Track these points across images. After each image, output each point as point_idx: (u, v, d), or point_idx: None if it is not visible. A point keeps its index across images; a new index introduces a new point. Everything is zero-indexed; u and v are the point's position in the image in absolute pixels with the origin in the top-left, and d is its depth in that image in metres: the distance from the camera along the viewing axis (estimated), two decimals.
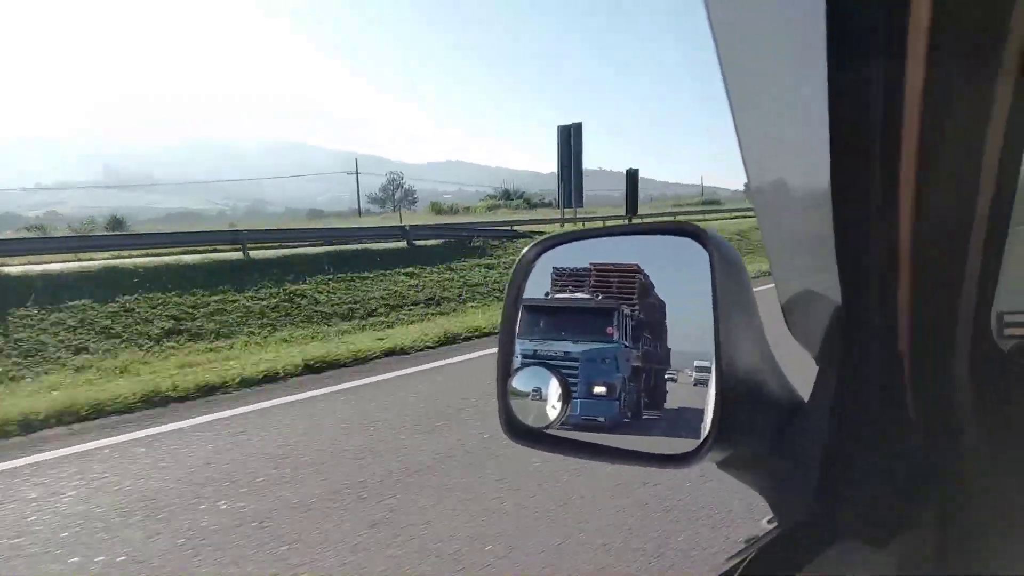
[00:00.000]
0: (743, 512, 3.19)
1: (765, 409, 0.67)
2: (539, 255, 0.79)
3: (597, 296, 0.84)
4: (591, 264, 0.83)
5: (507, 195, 68.25)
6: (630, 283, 0.81)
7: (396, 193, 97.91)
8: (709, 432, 0.62)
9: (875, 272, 0.58)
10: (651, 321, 0.79)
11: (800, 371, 0.74)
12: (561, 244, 0.80)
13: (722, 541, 3.02)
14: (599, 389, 0.79)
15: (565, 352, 0.82)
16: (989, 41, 0.49)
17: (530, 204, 61.56)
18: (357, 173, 67.23)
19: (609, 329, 0.82)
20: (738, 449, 0.67)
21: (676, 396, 0.74)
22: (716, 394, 0.61)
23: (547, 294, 0.83)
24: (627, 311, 0.81)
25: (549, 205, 60.76)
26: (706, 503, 3.36)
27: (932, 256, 0.56)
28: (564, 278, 0.85)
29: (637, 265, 0.80)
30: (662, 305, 0.79)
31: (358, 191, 66.85)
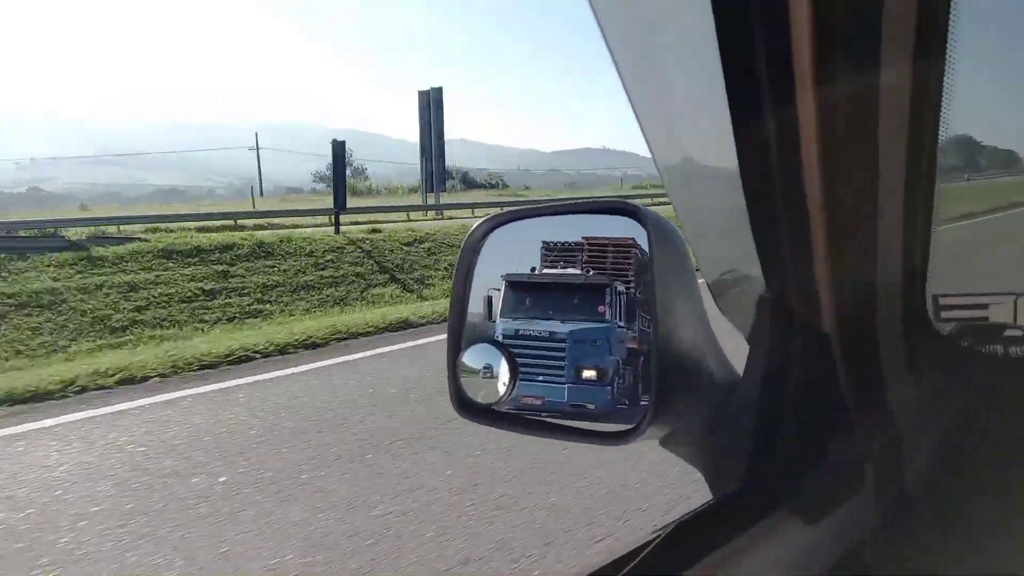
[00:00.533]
0: None
1: (703, 386, 0.68)
2: (487, 233, 0.79)
3: (588, 272, 0.80)
4: (583, 238, 0.80)
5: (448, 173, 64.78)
6: (625, 258, 0.76)
7: (348, 170, 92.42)
8: (648, 410, 0.63)
9: (790, 254, 0.59)
10: (649, 300, 0.73)
11: (740, 347, 0.75)
12: (511, 221, 0.80)
13: None
14: (588, 373, 0.75)
15: (550, 332, 0.79)
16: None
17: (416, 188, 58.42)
18: (257, 149, 61.76)
19: (601, 308, 0.77)
20: (677, 426, 0.69)
21: None
22: (655, 370, 0.63)
23: (533, 270, 0.80)
24: (621, 288, 0.76)
25: (500, 187, 58.31)
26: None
27: (844, 238, 0.57)
28: (554, 253, 0.81)
29: (633, 239, 0.75)
30: None
31: (259, 168, 60.55)
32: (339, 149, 15.93)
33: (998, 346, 0.72)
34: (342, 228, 14.75)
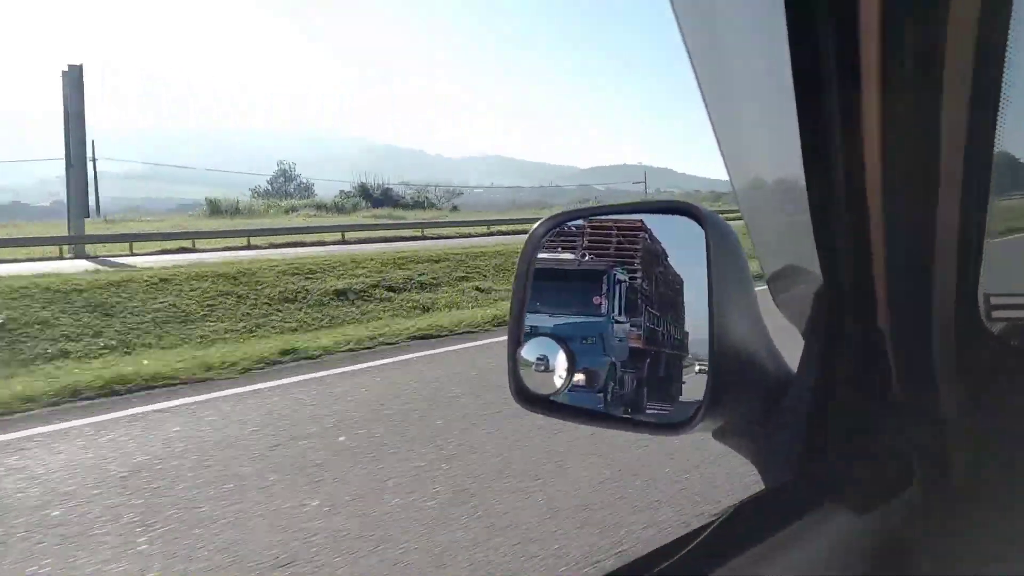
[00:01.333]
0: None
1: (756, 380, 0.71)
2: (548, 231, 0.82)
3: (584, 256, 0.74)
4: (586, 222, 0.75)
5: (364, 191, 57.56)
6: (632, 243, 0.70)
7: (289, 186, 79.70)
8: (703, 401, 0.66)
9: (849, 251, 0.63)
10: (661, 294, 0.68)
11: (795, 343, 0.78)
12: (570, 220, 0.81)
13: None
14: (576, 377, 0.71)
15: (532, 327, 0.75)
16: (935, 32, 0.54)
17: (395, 203, 52.89)
18: (94, 159, 39.78)
19: (596, 298, 0.70)
20: (730, 418, 0.72)
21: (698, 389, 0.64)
22: (710, 364, 0.66)
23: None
24: (622, 276, 0.69)
25: (426, 206, 52.72)
26: None
27: (903, 233, 0.60)
28: (557, 238, 0.76)
29: (641, 222, 0.71)
30: (677, 280, 0.69)
31: (96, 184, 36.23)
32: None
33: None
34: None
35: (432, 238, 24.75)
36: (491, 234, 26.03)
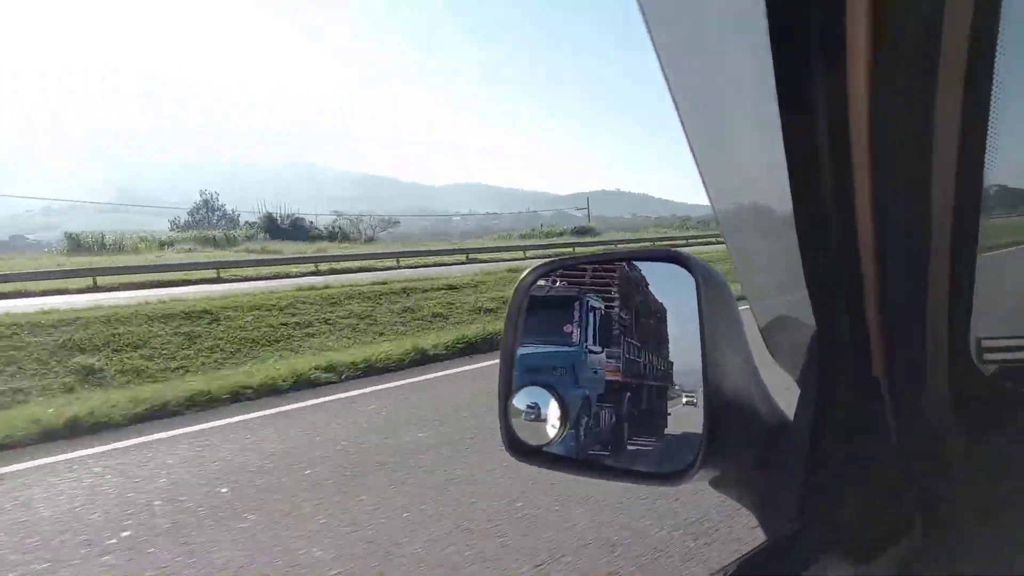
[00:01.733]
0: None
1: (752, 428, 0.71)
2: (535, 280, 0.81)
3: (555, 283, 0.71)
4: (569, 256, 0.73)
5: (271, 220, 53.44)
6: (608, 270, 0.67)
7: (212, 217, 74.99)
8: (699, 451, 0.65)
9: (842, 295, 0.63)
10: (642, 324, 0.66)
11: (789, 388, 0.78)
12: (556, 270, 0.81)
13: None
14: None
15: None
16: (925, 53, 0.54)
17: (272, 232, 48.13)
18: None
19: (568, 327, 0.67)
20: (728, 467, 0.71)
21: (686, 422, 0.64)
22: (705, 414, 0.65)
23: None
24: (595, 303, 0.66)
25: (339, 238, 47.77)
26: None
27: (896, 280, 0.61)
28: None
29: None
30: (661, 309, 0.68)
31: None
32: None
33: None
34: None
35: (325, 273, 21.17)
36: (399, 267, 23.76)
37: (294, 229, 52.56)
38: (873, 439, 0.67)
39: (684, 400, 0.65)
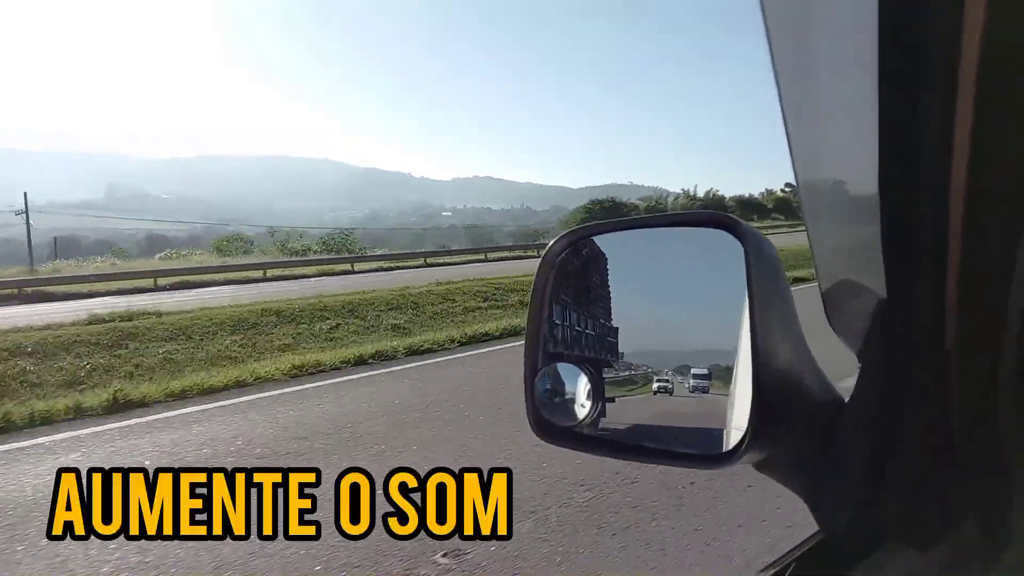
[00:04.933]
0: None
1: (804, 408, 0.67)
2: (565, 248, 0.79)
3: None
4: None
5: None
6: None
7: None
8: (746, 432, 0.62)
9: (924, 269, 0.58)
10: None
11: (838, 366, 0.74)
12: (593, 235, 0.78)
13: None
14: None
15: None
16: None
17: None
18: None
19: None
20: (776, 450, 0.68)
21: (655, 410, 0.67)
22: (753, 392, 0.62)
23: None
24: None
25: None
26: None
27: (982, 256, 0.56)
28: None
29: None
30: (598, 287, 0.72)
31: None
32: None
33: None
34: None
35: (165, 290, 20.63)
36: (267, 279, 23.81)
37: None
38: (940, 424, 0.63)
39: (671, 388, 0.68)
